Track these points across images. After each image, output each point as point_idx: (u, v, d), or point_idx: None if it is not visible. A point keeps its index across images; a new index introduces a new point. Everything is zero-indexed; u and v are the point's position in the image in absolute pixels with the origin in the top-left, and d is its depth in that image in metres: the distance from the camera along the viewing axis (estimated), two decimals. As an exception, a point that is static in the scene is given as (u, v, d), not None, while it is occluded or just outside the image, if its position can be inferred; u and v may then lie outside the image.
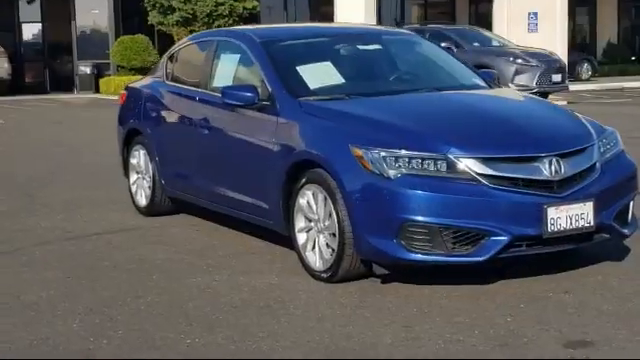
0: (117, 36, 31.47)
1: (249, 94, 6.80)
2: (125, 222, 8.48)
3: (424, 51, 7.73)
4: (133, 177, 8.92)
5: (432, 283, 6.03)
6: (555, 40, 33.08)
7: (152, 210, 8.63)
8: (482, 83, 7.34)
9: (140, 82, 9.24)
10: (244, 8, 31.06)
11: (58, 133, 17.00)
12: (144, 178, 8.71)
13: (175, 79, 8.41)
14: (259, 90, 6.84)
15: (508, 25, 33.06)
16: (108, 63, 31.79)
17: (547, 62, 22.50)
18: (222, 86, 7.11)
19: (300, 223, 6.42)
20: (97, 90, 30.71)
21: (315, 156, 6.18)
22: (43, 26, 32.98)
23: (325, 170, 6.07)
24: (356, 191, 5.84)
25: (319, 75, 6.87)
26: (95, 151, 14.01)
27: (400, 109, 6.40)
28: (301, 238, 6.42)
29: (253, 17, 32.14)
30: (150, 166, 8.50)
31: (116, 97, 27.92)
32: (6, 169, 12.23)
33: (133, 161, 8.86)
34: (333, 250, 6.09)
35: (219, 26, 30.37)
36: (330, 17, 30.47)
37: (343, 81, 6.96)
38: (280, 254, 7.01)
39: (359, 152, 5.83)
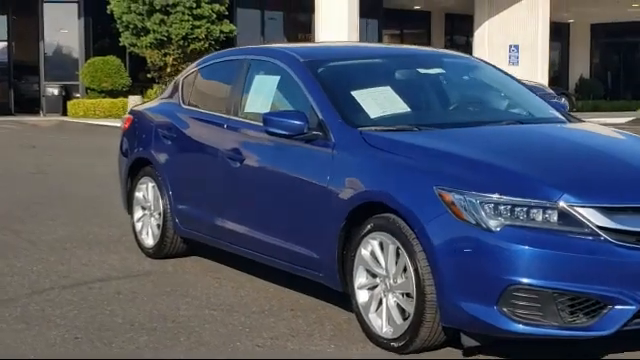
0: (87, 57, 30.30)
1: (298, 122, 5.73)
2: (130, 266, 7.34)
3: (489, 76, 6.72)
4: (138, 213, 7.78)
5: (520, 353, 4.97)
6: (537, 73, 32.52)
7: (161, 252, 7.50)
8: (559, 115, 6.33)
9: (148, 105, 8.13)
10: (221, 31, 30.01)
11: (34, 158, 15.71)
12: (152, 215, 7.57)
13: (195, 103, 7.32)
14: (308, 117, 5.76)
15: (489, 57, 32.22)
16: (77, 85, 30.58)
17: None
18: (263, 112, 6.03)
19: (361, 278, 5.34)
20: (64, 113, 29.40)
21: (386, 198, 5.12)
22: (9, 44, 31.58)
23: (399, 216, 5.00)
24: (444, 244, 4.78)
25: (379, 102, 5.84)
26: (80, 179, 12.82)
27: (489, 144, 5.36)
28: (362, 296, 5.34)
29: (230, 41, 31.10)
30: (160, 202, 7.38)
31: (87, 120, 27.22)
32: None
33: (139, 195, 7.72)
34: (406, 313, 5.01)
35: (194, 50, 29.33)
36: (309, 43, 29.47)
37: (408, 110, 5.91)
38: (328, 313, 5.94)
39: (449, 197, 4.77)
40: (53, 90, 30.10)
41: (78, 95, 30.47)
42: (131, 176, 7.93)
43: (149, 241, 7.64)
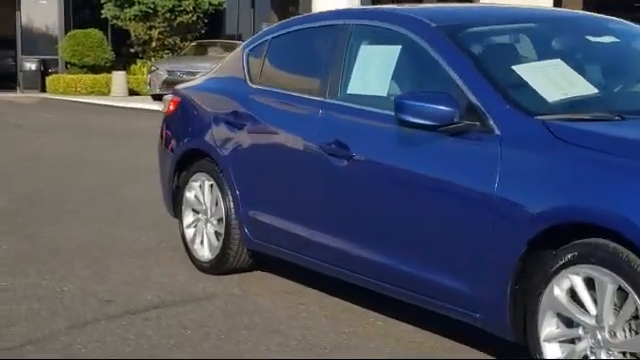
0: (67, 30, 28.60)
1: (446, 108, 4.23)
2: (185, 285, 5.83)
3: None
4: (189, 217, 6.24)
5: None
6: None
7: (220, 267, 6.00)
8: None
9: (197, 84, 6.57)
10: (210, 3, 28.33)
11: (23, 140, 14.04)
12: (208, 221, 6.04)
13: (269, 81, 5.77)
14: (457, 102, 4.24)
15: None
16: (56, 59, 28.79)
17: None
18: (395, 95, 4.52)
19: (551, 327, 3.87)
20: (43, 89, 27.59)
21: (603, 216, 3.63)
22: (-17, 16, 29.66)
23: (624, 243, 3.50)
24: None
25: (554, 80, 4.31)
26: (83, 166, 11.22)
27: None
28: (553, 352, 3.83)
29: (218, 14, 29.45)
30: (222, 205, 5.85)
31: (69, 97, 25.25)
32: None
33: (189, 195, 6.18)
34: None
35: (181, 23, 27.65)
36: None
37: (595, 91, 4.39)
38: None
39: None
40: (31, 65, 28.31)
41: (57, 70, 28.63)
42: (178, 171, 6.35)
43: (204, 253, 6.11)
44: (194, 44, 27.16)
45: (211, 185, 6.03)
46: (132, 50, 28.85)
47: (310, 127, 5.13)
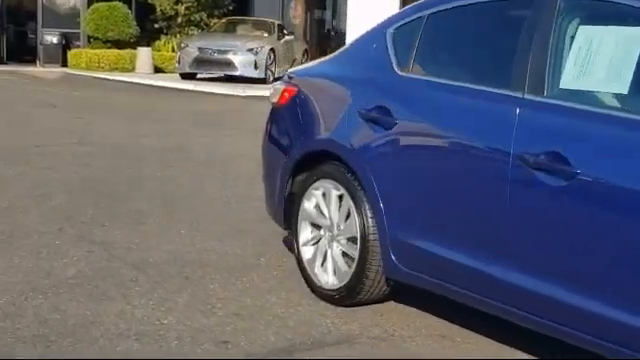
0: (90, 3, 27.36)
1: None
2: (309, 318, 4.79)
3: None
4: (306, 233, 5.12)
5: None
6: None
7: (351, 297, 4.91)
8: None
9: (317, 69, 5.45)
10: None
11: (64, 122, 12.85)
12: (335, 239, 4.92)
13: (426, 68, 4.59)
14: None
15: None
16: (78, 33, 27.53)
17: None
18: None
19: None
20: (64, 63, 26.37)
21: None
22: (2, -14, 28.45)
23: None
24: None
25: None
26: (139, 155, 10.05)
27: None
28: None
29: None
30: (357, 220, 4.72)
31: (93, 73, 23.86)
32: (27, 185, 8.14)
33: (308, 206, 5.06)
34: None
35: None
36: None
37: None
38: None
39: None
40: (52, 38, 27.09)
41: (79, 44, 27.42)
42: (294, 176, 5.21)
43: (329, 279, 4.98)
44: (224, 21, 25.97)
45: (340, 195, 4.90)
46: (156, 25, 27.65)
47: (500, 131, 3.99)
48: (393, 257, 4.57)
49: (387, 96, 4.66)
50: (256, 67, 22.25)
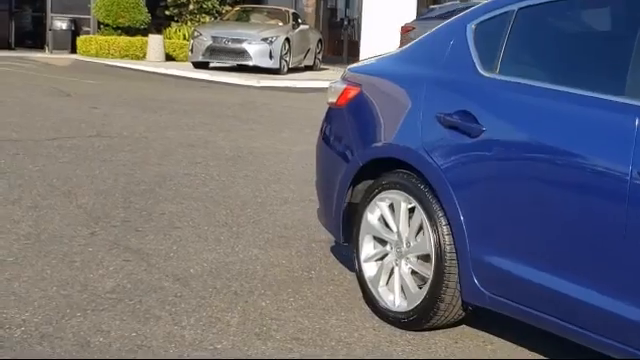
0: (100, -12, 26.74)
1: None
2: (376, 344, 4.40)
3: None
4: (369, 248, 4.67)
5: None
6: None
7: (422, 322, 4.46)
8: None
9: (384, 68, 4.95)
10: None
11: (79, 113, 12.36)
12: (404, 256, 4.47)
13: (517, 70, 4.13)
14: None
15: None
16: (88, 19, 27.02)
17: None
18: None
19: None
20: (73, 50, 25.85)
21: None
22: (11, -31, 27.92)
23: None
24: None
25: None
26: (164, 149, 9.56)
27: None
28: None
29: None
30: (431, 236, 4.27)
31: (104, 60, 23.20)
32: (49, 181, 7.65)
33: (371, 218, 4.61)
34: None
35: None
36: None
37: None
38: None
39: None
40: (61, 24, 26.56)
41: (89, 30, 26.91)
42: (354, 184, 4.74)
43: (396, 300, 4.52)
44: (237, 9, 25.44)
45: (411, 208, 4.42)
46: (167, 12, 27.15)
47: (616, 144, 3.50)
48: (475, 280, 4.10)
49: (471, 100, 4.17)
50: (271, 57, 21.74)
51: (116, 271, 5.15)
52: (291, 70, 22.92)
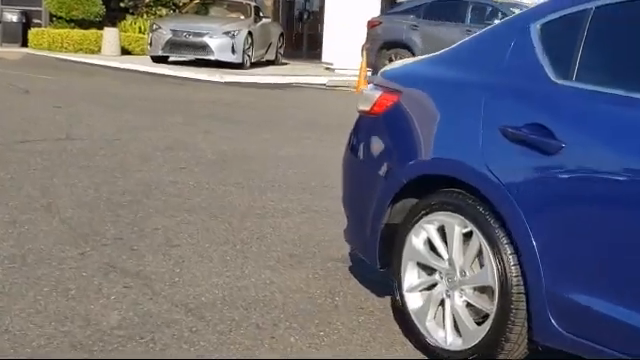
0: (52, -21, 25.84)
1: None
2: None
3: None
4: (413, 276, 4.15)
5: None
6: None
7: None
8: None
9: (428, 72, 4.40)
10: (214, -44, 25.80)
11: (47, 112, 11.59)
12: (457, 286, 3.94)
13: (596, 77, 3.60)
14: None
15: None
16: (39, 11, 26.02)
17: None
18: None
19: None
20: (24, 43, 24.90)
21: None
22: (-43, -41, 26.78)
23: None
24: None
25: None
26: (141, 153, 8.90)
27: None
28: None
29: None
30: (493, 266, 3.72)
31: (57, 54, 22.22)
32: (25, 192, 6.97)
33: (417, 242, 4.09)
34: None
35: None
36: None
37: None
38: None
39: None
40: (12, 16, 25.54)
41: (40, 22, 25.96)
42: (394, 203, 4.18)
43: (448, 337, 4.00)
44: (197, 1, 24.69)
45: (467, 233, 3.87)
46: (122, 4, 26.33)
47: None
48: (551, 317, 3.55)
49: (544, 112, 3.63)
50: (233, 51, 21.08)
51: (118, 300, 4.53)
52: (253, 65, 22.29)
